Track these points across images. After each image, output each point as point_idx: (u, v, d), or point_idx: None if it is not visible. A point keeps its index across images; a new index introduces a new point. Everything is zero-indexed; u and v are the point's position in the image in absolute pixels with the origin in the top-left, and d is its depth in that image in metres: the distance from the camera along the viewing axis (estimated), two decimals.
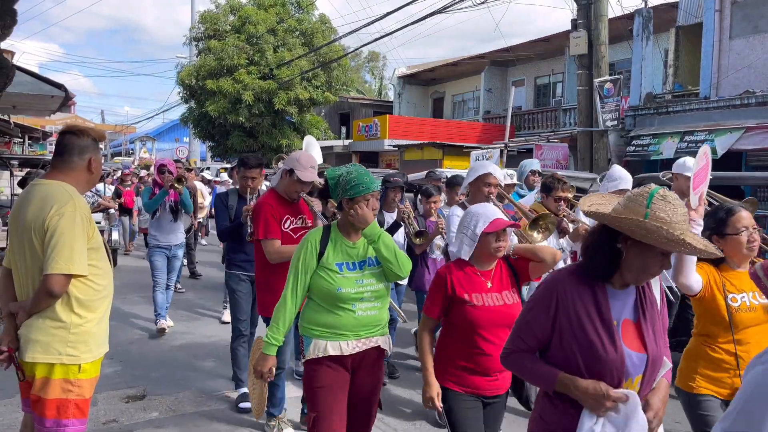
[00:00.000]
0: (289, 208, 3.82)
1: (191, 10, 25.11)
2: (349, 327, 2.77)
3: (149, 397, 4.62)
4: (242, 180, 4.65)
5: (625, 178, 4.73)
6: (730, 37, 13.03)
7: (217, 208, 4.69)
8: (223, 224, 4.63)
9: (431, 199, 5.38)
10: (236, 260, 4.61)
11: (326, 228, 2.90)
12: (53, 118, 18.74)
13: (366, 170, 2.83)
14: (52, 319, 2.49)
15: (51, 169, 2.65)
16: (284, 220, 3.77)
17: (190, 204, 6.66)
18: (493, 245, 2.69)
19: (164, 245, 6.47)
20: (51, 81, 7.56)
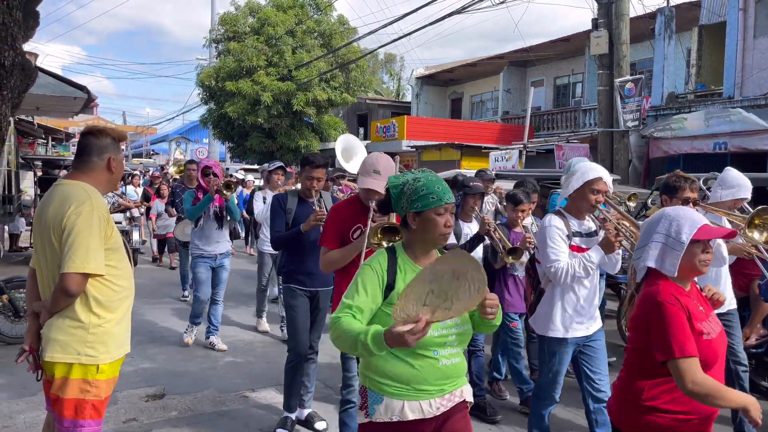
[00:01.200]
0: (364, 215, 3.30)
1: (211, 12, 25.30)
2: (431, 380, 2.15)
3: (168, 396, 4.65)
4: (306, 181, 4.18)
5: (744, 185, 4.09)
6: (755, 36, 12.81)
7: (274, 212, 4.22)
8: (278, 231, 4.13)
9: (519, 207, 4.59)
10: (295, 273, 4.11)
11: (391, 251, 2.30)
12: (76, 120, 19.05)
13: (437, 176, 2.29)
14: (72, 319, 2.51)
15: (72, 170, 2.68)
16: (354, 229, 3.39)
17: (236, 210, 6.04)
18: (700, 257, 2.18)
19: (209, 255, 5.90)
20: (74, 83, 7.68)
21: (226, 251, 6.04)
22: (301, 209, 4.17)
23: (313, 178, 4.14)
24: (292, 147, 21.88)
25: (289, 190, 4.54)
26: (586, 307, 3.40)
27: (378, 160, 3.35)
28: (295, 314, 4.09)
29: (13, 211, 10.06)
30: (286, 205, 4.19)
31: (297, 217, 4.13)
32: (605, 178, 3.36)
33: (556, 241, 3.29)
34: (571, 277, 3.25)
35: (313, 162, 4.15)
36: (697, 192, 3.98)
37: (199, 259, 5.89)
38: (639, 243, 2.30)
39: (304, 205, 4.20)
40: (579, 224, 3.42)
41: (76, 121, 20.16)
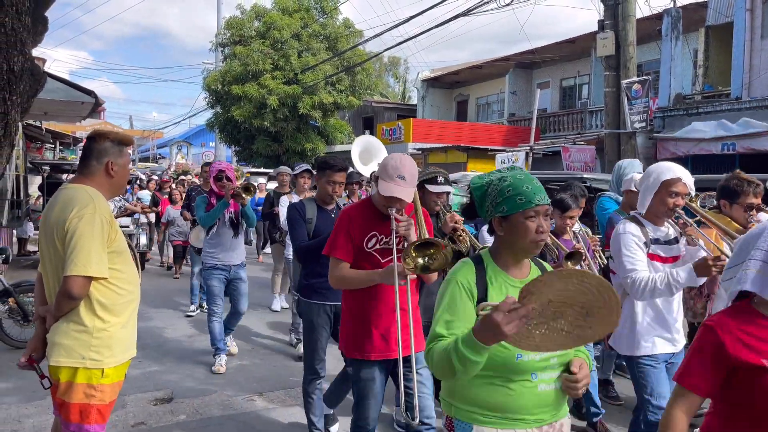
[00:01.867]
0: (380, 222, 2.96)
1: (217, 17, 25.43)
2: (529, 408, 1.89)
3: (177, 399, 4.65)
4: (326, 186, 3.88)
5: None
6: (762, 37, 12.74)
7: (293, 221, 3.91)
8: (301, 240, 3.85)
9: (568, 213, 4.15)
10: (315, 286, 3.79)
11: (477, 261, 1.99)
12: (83, 124, 19.11)
13: (527, 174, 1.99)
14: (76, 323, 2.50)
15: (76, 174, 2.69)
16: (368, 237, 2.97)
17: (253, 217, 5.55)
18: None
19: (223, 265, 5.39)
20: (81, 88, 7.70)
21: (241, 261, 5.52)
22: (321, 218, 3.88)
23: (333, 182, 3.85)
24: (298, 150, 21.93)
25: (306, 198, 4.23)
26: (670, 320, 3.10)
27: (402, 163, 2.86)
28: (315, 332, 3.78)
29: (22, 215, 10.13)
30: (305, 213, 3.88)
31: (318, 227, 3.83)
32: (685, 179, 3.07)
33: (632, 250, 3.00)
34: (650, 292, 2.92)
35: (333, 165, 3.83)
36: (761, 196, 3.61)
37: (212, 271, 5.37)
38: (731, 261, 1.91)
39: (324, 213, 3.91)
40: (656, 230, 3.12)
41: (83, 126, 20.24)
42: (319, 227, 3.83)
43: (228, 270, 5.43)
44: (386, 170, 2.86)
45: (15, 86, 2.25)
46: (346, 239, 2.96)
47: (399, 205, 2.87)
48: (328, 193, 3.92)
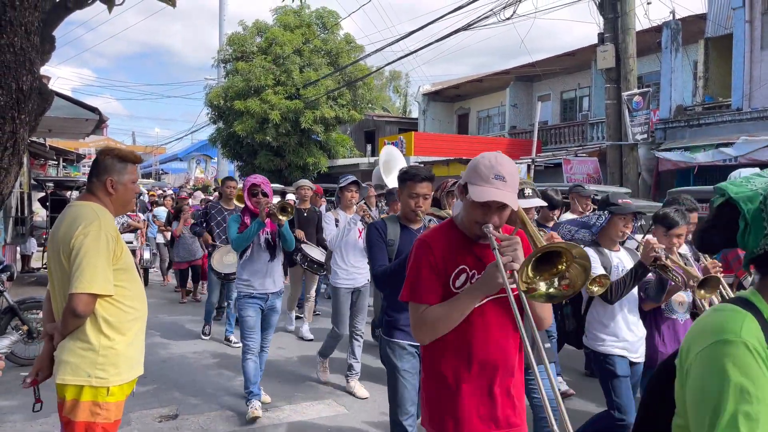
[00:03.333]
0: (469, 251, 2.17)
1: (219, 33, 25.64)
2: None
3: (182, 416, 4.63)
4: (410, 201, 3.30)
5: None
6: (762, 48, 12.81)
7: (372, 243, 3.40)
8: (381, 265, 3.31)
9: (674, 231, 3.50)
10: (400, 322, 3.18)
11: (750, 307, 1.25)
12: (87, 141, 19.23)
13: None
14: (82, 341, 2.50)
15: (84, 191, 2.72)
16: (456, 273, 2.14)
17: (291, 238, 4.83)
18: None
19: (259, 294, 4.70)
20: (86, 105, 7.76)
21: (279, 289, 4.84)
22: (405, 239, 3.34)
23: (417, 195, 3.26)
24: (301, 164, 22.01)
25: (387, 216, 3.68)
26: None
27: (499, 161, 2.09)
28: (401, 380, 3.12)
29: (25, 232, 10.14)
30: (386, 234, 3.35)
31: (401, 250, 3.26)
32: None
33: None
34: None
35: (414, 175, 3.23)
36: None
37: (247, 300, 4.69)
38: None
39: (409, 233, 3.37)
40: None
41: (86, 143, 20.35)
42: (404, 249, 3.21)
43: (265, 298, 4.74)
44: (477, 171, 2.10)
45: (24, 105, 2.28)
46: (431, 275, 2.13)
47: (497, 218, 2.08)
48: (411, 208, 3.32)
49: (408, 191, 3.30)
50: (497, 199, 2.03)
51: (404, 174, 3.32)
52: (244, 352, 4.69)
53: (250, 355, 4.66)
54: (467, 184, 2.13)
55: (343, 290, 5.38)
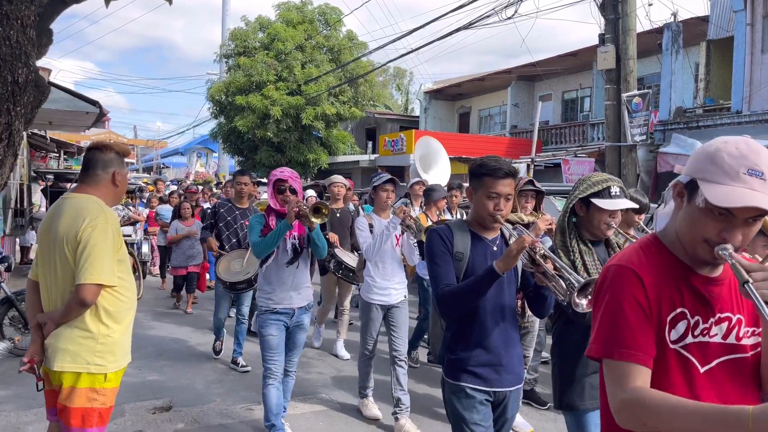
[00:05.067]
0: (689, 287, 1.48)
1: (222, 28, 25.67)
2: None
3: (175, 408, 4.67)
4: (486, 201, 2.52)
5: None
6: (763, 51, 12.82)
7: (434, 255, 2.57)
8: (449, 284, 2.52)
9: None
10: (468, 363, 2.57)
11: None
12: (88, 134, 19.27)
13: None
14: (81, 329, 2.56)
15: (79, 184, 2.75)
16: (672, 319, 1.46)
17: (324, 244, 4.01)
18: None
19: (283, 309, 3.96)
20: (86, 98, 7.80)
21: (307, 303, 4.09)
22: (479, 252, 2.55)
23: (499, 195, 2.48)
24: (301, 161, 22.05)
25: (453, 221, 2.88)
26: None
27: (754, 150, 1.38)
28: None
29: (25, 224, 10.19)
30: (453, 245, 2.54)
31: (474, 267, 2.50)
32: None
33: None
34: None
35: (497, 169, 2.49)
36: None
37: (269, 316, 3.97)
38: None
39: (482, 245, 2.58)
40: None
41: (87, 135, 20.39)
42: (476, 266, 2.49)
43: (290, 314, 3.99)
44: (716, 162, 1.39)
45: (19, 98, 2.31)
46: (642, 322, 1.43)
47: (740, 234, 1.39)
48: (488, 212, 2.51)
49: (485, 190, 2.51)
50: (758, 205, 1.32)
51: (479, 167, 2.55)
52: (265, 377, 3.99)
53: (272, 380, 3.96)
54: (694, 182, 1.42)
55: (375, 306, 4.59)
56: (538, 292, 2.57)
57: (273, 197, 3.97)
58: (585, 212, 2.66)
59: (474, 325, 2.52)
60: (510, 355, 2.55)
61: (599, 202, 2.60)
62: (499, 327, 2.53)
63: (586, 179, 2.71)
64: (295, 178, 3.99)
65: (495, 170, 2.50)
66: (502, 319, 2.54)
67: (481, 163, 2.57)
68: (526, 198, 4.49)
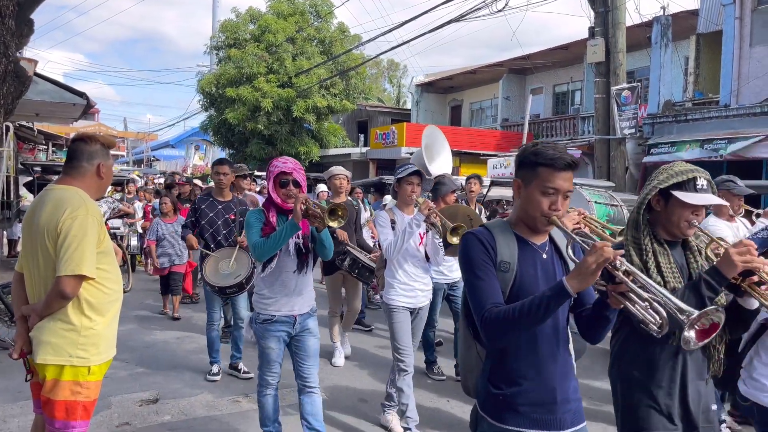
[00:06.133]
0: None
1: (212, 20, 25.55)
2: None
3: (162, 400, 4.67)
4: (537, 198, 2.03)
5: None
6: (751, 45, 12.89)
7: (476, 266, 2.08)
8: (497, 303, 2.02)
9: None
10: (516, 399, 2.07)
11: None
12: (76, 126, 19.14)
13: None
14: (63, 322, 2.55)
15: (63, 175, 2.73)
16: None
17: (331, 245, 3.58)
18: None
19: (285, 316, 3.52)
20: (73, 89, 7.74)
21: (310, 308, 3.65)
22: (527, 260, 2.10)
23: (557, 191, 2.02)
24: (292, 153, 21.98)
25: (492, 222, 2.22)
26: None
27: None
28: None
29: (12, 216, 10.12)
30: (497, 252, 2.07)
31: (521, 278, 2.07)
32: None
33: None
34: None
35: (556, 158, 2.00)
36: None
37: (268, 326, 3.52)
38: None
39: (531, 252, 2.12)
40: None
41: (76, 127, 20.24)
42: (524, 279, 2.05)
43: (292, 322, 3.55)
44: None
45: None
46: None
47: None
48: (543, 212, 2.03)
49: (540, 184, 2.01)
50: None
51: (534, 155, 2.03)
52: (261, 386, 3.63)
53: (268, 389, 3.62)
54: None
55: (401, 310, 4.16)
56: (601, 313, 1.98)
57: (274, 191, 3.52)
58: (663, 207, 2.28)
59: (523, 352, 2.03)
60: (566, 388, 2.06)
61: (682, 196, 2.23)
62: (553, 354, 2.04)
63: (666, 168, 2.33)
64: (299, 170, 3.58)
65: (554, 160, 1.99)
66: (556, 344, 2.06)
67: (536, 150, 2.04)
68: None
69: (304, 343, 3.57)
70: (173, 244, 7.56)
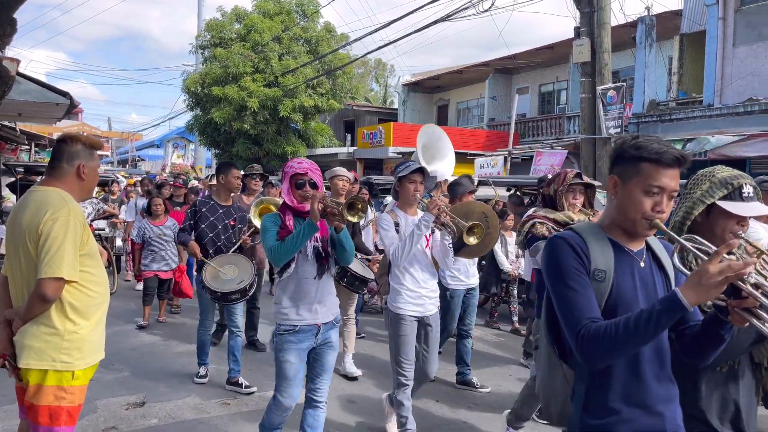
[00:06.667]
0: None
1: (197, 19, 25.36)
2: None
3: (149, 404, 4.63)
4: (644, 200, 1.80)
5: None
6: (734, 45, 13.04)
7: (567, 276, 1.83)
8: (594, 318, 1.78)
9: None
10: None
11: None
12: (60, 126, 18.91)
13: None
14: (46, 326, 2.51)
15: (46, 176, 2.70)
16: None
17: (352, 249, 3.39)
18: None
19: (307, 326, 3.30)
20: (56, 89, 7.62)
21: (334, 318, 3.45)
22: (624, 269, 1.84)
23: (663, 190, 1.79)
24: (279, 153, 21.92)
25: (581, 225, 1.95)
26: None
27: None
28: None
29: None
30: (590, 260, 1.82)
31: (618, 290, 1.81)
32: None
33: None
34: None
35: (663, 153, 1.78)
36: None
37: (288, 337, 3.27)
38: None
39: (628, 259, 1.86)
40: None
41: (60, 127, 20.01)
42: (622, 290, 1.80)
43: (315, 332, 3.33)
44: None
45: None
46: None
47: None
48: (645, 213, 1.79)
49: (642, 181, 1.78)
50: None
51: (636, 149, 1.80)
52: (274, 405, 3.33)
53: (282, 410, 3.32)
54: None
55: (408, 319, 3.86)
56: (715, 332, 1.72)
57: (290, 193, 3.36)
58: (704, 217, 2.09)
59: (624, 375, 1.78)
60: (673, 415, 1.83)
61: (728, 206, 2.04)
62: (657, 377, 1.80)
63: (706, 175, 2.12)
64: (314, 170, 3.39)
65: (660, 155, 1.76)
66: (660, 366, 1.82)
67: (639, 143, 1.81)
68: (574, 194, 3.78)
69: (323, 357, 3.40)
70: (160, 248, 7.10)
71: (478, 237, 3.73)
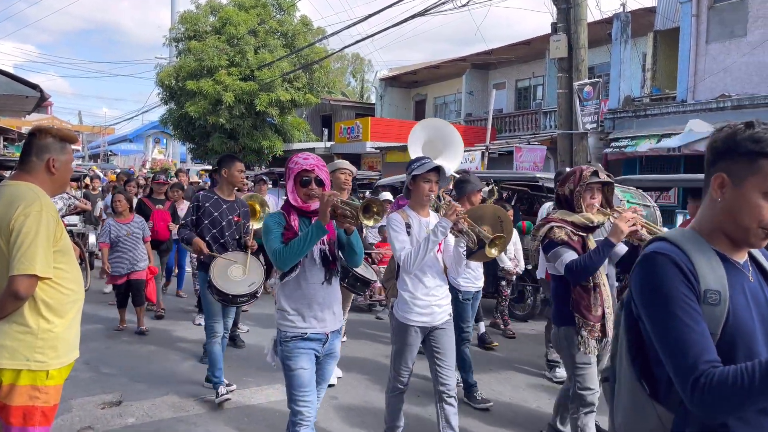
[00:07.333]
0: None
1: (171, 11, 24.97)
2: None
3: (126, 402, 4.54)
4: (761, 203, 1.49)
5: None
6: (707, 42, 13.25)
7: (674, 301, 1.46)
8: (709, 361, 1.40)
9: None
10: None
11: None
12: (29, 119, 18.48)
13: None
14: (19, 324, 2.43)
15: (16, 171, 2.63)
16: None
17: (361, 251, 3.21)
18: None
19: (316, 334, 3.07)
20: (25, 81, 7.42)
21: (341, 326, 3.28)
22: (736, 288, 1.51)
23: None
24: (255, 148, 21.72)
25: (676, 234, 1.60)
26: None
27: None
28: None
29: None
30: (698, 280, 1.48)
31: (736, 315, 1.48)
32: None
33: None
34: None
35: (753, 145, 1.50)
36: None
37: (296, 345, 3.03)
38: None
39: (737, 275, 1.55)
40: None
41: (29, 121, 19.55)
42: (738, 315, 1.48)
43: (323, 340, 3.10)
44: None
45: None
46: None
47: None
48: (762, 220, 1.50)
49: (759, 181, 1.47)
50: None
51: (752, 141, 1.47)
52: (295, 424, 2.99)
53: (305, 428, 2.99)
54: None
55: (414, 329, 3.56)
56: None
57: (294, 192, 3.08)
58: None
59: (747, 426, 1.46)
60: None
61: None
62: None
63: None
64: (321, 166, 3.11)
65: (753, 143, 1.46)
66: None
67: (756, 135, 1.46)
68: (591, 192, 3.49)
69: (323, 366, 3.18)
70: (130, 248, 6.62)
71: (500, 249, 3.47)
